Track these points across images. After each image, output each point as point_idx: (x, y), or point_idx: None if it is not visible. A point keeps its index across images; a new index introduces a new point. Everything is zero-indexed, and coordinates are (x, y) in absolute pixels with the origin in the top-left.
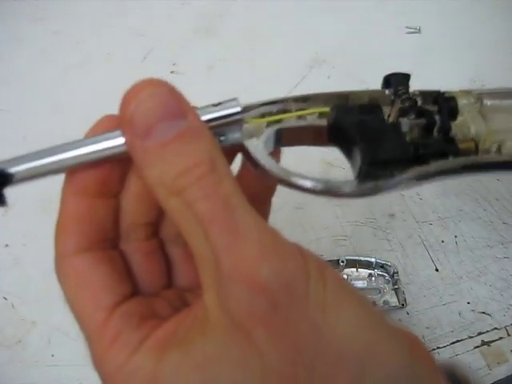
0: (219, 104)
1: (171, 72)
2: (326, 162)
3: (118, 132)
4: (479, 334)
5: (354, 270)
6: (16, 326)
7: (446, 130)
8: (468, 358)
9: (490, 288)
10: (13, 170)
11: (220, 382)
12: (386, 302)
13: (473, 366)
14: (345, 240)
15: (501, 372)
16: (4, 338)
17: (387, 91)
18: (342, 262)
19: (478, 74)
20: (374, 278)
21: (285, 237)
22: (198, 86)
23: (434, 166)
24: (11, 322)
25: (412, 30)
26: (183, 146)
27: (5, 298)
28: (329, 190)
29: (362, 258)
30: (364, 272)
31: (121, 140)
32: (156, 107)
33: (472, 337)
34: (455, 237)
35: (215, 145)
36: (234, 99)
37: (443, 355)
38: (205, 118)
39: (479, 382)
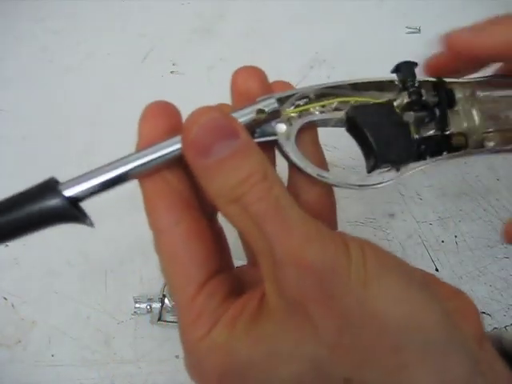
0: (263, 113)
1: (171, 72)
2: (327, 161)
3: (174, 139)
4: None
5: None
6: (16, 325)
7: (443, 126)
8: None
9: (490, 288)
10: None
11: (277, 355)
12: None
13: None
14: None
15: None
16: (4, 338)
17: (396, 81)
18: None
19: (477, 74)
20: None
21: (327, 227)
22: (198, 86)
23: (430, 160)
24: (11, 322)
25: (412, 30)
26: (238, 161)
27: (5, 298)
28: (345, 185)
29: None
30: None
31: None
32: (213, 130)
33: None
34: (455, 237)
35: (265, 157)
36: (271, 97)
37: None
38: (245, 118)
39: None
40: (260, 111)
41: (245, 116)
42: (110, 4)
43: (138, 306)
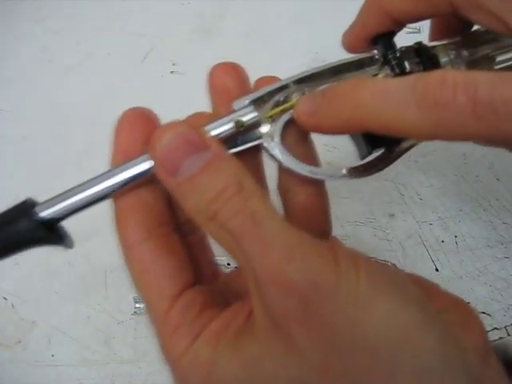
0: (242, 126)
1: (171, 72)
2: (326, 161)
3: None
4: None
5: None
6: (16, 325)
7: None
8: None
9: (490, 288)
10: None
11: (263, 376)
12: None
13: None
14: (345, 240)
15: None
16: (4, 338)
17: (376, 56)
18: None
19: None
20: None
21: (314, 239)
22: (198, 86)
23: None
24: (11, 322)
25: (412, 30)
26: (210, 175)
27: (5, 298)
28: (340, 178)
29: None
30: None
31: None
32: (178, 146)
33: None
34: (455, 237)
35: (240, 167)
36: (248, 106)
37: None
38: (219, 131)
39: None
40: (239, 123)
41: (223, 126)
42: (110, 4)
43: (138, 305)
